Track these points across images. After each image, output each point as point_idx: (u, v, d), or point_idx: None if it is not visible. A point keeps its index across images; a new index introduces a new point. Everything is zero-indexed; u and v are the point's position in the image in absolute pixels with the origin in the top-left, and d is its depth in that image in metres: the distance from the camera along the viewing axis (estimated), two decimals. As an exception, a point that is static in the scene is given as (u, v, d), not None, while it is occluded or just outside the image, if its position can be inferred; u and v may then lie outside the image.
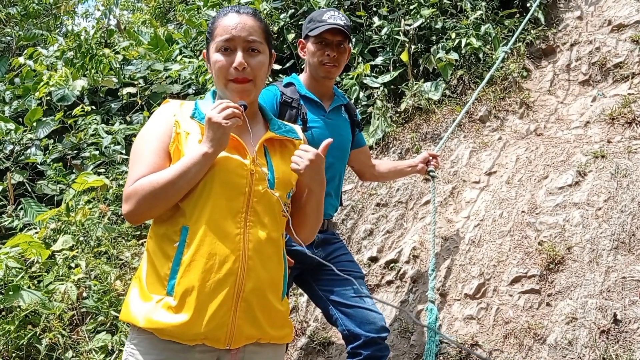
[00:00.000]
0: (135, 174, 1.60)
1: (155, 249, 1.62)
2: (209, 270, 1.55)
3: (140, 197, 1.56)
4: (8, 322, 3.08)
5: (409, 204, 3.82)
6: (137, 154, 1.65)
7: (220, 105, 1.57)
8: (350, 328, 2.49)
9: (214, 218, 1.58)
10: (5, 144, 4.84)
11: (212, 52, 1.70)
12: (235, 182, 1.61)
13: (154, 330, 1.54)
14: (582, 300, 2.75)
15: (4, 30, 6.80)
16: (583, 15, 4.69)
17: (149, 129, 1.69)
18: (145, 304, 1.56)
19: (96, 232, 3.65)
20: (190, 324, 1.52)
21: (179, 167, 1.56)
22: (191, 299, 1.53)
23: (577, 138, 3.66)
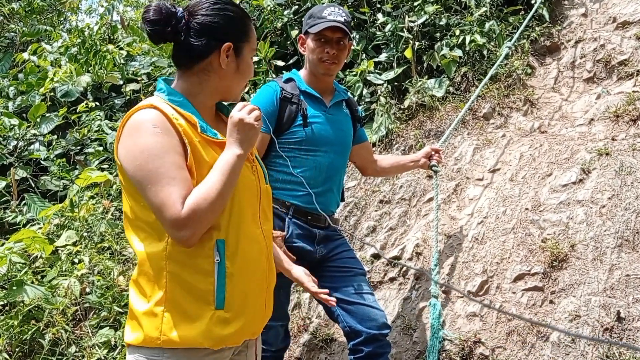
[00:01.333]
0: (177, 195, 1.44)
1: (183, 268, 1.53)
2: (253, 274, 1.62)
3: (201, 218, 1.45)
4: (11, 317, 3.10)
5: (412, 201, 3.81)
6: (160, 171, 1.46)
7: (247, 107, 1.58)
8: (352, 325, 2.49)
9: (244, 225, 1.60)
10: (9, 139, 4.86)
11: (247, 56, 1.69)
12: (252, 184, 1.65)
13: (212, 345, 1.53)
14: (586, 298, 2.74)
15: (8, 26, 6.80)
16: (588, 12, 4.67)
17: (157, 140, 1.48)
18: (195, 324, 1.51)
19: (99, 228, 3.66)
20: (245, 328, 1.59)
21: (219, 176, 1.48)
22: (244, 306, 1.58)
23: (582, 135, 3.64)
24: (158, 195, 1.44)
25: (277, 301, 1.93)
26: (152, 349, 1.53)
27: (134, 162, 1.48)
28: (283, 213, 2.47)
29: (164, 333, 1.51)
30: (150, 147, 1.47)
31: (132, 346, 1.57)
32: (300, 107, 2.49)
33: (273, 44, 4.94)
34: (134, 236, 1.57)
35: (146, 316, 1.53)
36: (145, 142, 1.47)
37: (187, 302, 1.52)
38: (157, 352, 1.53)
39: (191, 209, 1.44)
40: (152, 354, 1.53)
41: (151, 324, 1.52)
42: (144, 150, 1.47)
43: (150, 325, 1.52)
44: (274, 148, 2.44)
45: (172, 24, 1.59)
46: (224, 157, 1.52)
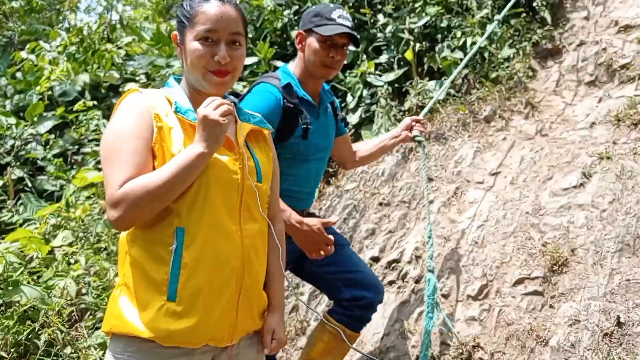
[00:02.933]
0: (120, 176, 1.46)
1: (143, 253, 1.52)
2: (214, 270, 1.53)
3: (132, 202, 1.43)
4: (7, 317, 3.06)
5: (412, 203, 3.79)
6: (117, 152, 1.49)
7: (213, 103, 1.50)
8: (356, 294, 2.52)
9: (213, 217, 1.53)
10: (6, 138, 4.84)
11: (189, 39, 1.58)
12: (230, 178, 1.57)
13: (159, 339, 1.47)
14: (586, 303, 2.72)
15: (6, 24, 6.78)
16: (590, 15, 4.65)
17: (125, 124, 1.52)
18: (143, 312, 1.48)
19: (96, 229, 3.63)
20: (198, 327, 1.50)
21: (172, 169, 1.45)
22: (199, 301, 1.50)
23: (583, 139, 3.62)
24: (106, 174, 1.49)
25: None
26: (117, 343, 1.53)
27: (102, 142, 1.56)
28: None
29: (116, 317, 1.51)
30: (116, 129, 1.53)
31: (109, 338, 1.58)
32: (302, 119, 2.38)
33: (273, 44, 4.93)
34: None
35: (110, 300, 1.57)
36: (115, 124, 1.54)
37: (140, 288, 1.50)
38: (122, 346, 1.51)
39: (124, 191, 1.44)
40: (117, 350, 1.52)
41: (110, 307, 1.56)
42: (111, 131, 1.54)
43: (109, 309, 1.56)
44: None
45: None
46: (184, 152, 1.48)
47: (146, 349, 1.49)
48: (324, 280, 2.61)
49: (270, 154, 1.80)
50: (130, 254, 1.54)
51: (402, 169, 4.06)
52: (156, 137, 1.52)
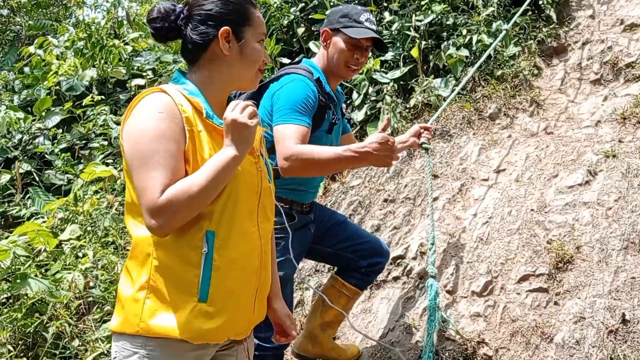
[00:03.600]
0: (160, 182, 1.43)
1: (172, 257, 1.52)
2: (242, 271, 1.58)
3: (176, 210, 1.43)
4: (15, 310, 3.09)
5: (416, 200, 3.80)
6: (153, 156, 1.45)
7: (239, 106, 1.52)
8: (372, 261, 2.76)
9: (238, 219, 1.57)
10: (14, 133, 4.86)
11: (252, 38, 1.64)
12: (253, 181, 1.63)
13: (191, 338, 1.50)
14: (591, 300, 2.73)
15: (14, 19, 6.81)
16: (595, 14, 4.66)
17: (158, 126, 1.48)
18: (175, 314, 1.49)
19: (104, 223, 3.66)
20: (226, 325, 1.56)
21: (209, 174, 1.46)
22: (230, 301, 1.56)
23: (588, 137, 3.63)
24: (143, 178, 1.45)
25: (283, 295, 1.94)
26: (135, 338, 1.50)
27: (131, 143, 1.50)
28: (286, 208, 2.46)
29: (143, 320, 1.49)
30: (149, 130, 1.47)
31: (116, 333, 1.55)
32: (330, 115, 2.45)
33: (279, 41, 4.94)
34: (131, 219, 1.57)
35: (129, 301, 1.52)
36: (147, 125, 1.48)
37: (170, 291, 1.50)
38: (140, 341, 1.50)
39: (168, 199, 1.42)
40: (135, 344, 1.51)
41: (132, 309, 1.51)
42: (143, 132, 1.48)
43: (131, 310, 1.51)
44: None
45: (171, 19, 1.62)
46: (218, 157, 1.49)
47: (167, 344, 1.51)
48: (340, 257, 2.78)
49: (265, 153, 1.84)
50: (157, 257, 1.52)
51: (407, 166, 4.08)
52: (188, 140, 1.51)
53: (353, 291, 2.83)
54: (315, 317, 2.92)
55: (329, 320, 2.89)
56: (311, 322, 2.93)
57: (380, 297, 3.37)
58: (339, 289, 2.84)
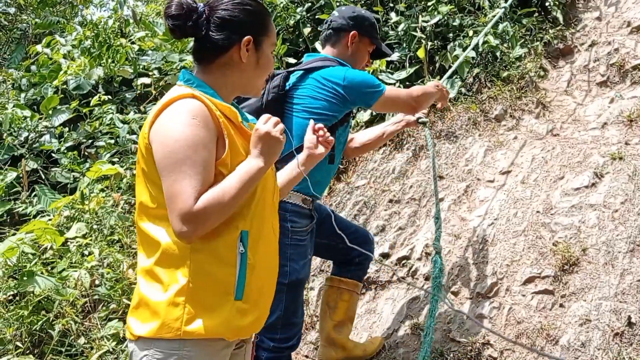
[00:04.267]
0: (194, 190, 1.46)
1: (210, 259, 1.54)
2: (268, 268, 1.67)
3: (208, 217, 1.46)
4: (21, 307, 3.11)
5: (422, 201, 3.80)
6: (186, 163, 1.47)
7: (271, 120, 1.59)
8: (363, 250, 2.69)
9: (264, 219, 1.65)
10: (21, 131, 4.88)
11: (267, 49, 1.69)
12: (271, 182, 1.70)
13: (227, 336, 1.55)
14: (597, 302, 2.73)
15: (20, 17, 6.83)
16: (602, 16, 4.65)
17: (193, 132, 1.49)
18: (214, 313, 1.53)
19: (110, 221, 3.67)
20: (257, 321, 1.64)
21: (239, 183, 1.50)
22: (260, 299, 1.63)
23: (594, 139, 3.63)
24: (176, 184, 1.46)
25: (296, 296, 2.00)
26: (171, 342, 1.51)
27: (165, 148, 1.49)
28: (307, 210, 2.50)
29: (186, 323, 1.50)
30: (185, 137, 1.48)
31: (144, 339, 1.53)
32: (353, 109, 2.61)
33: (285, 41, 4.94)
34: (155, 225, 1.56)
35: (165, 306, 1.51)
36: (182, 131, 1.48)
37: (208, 292, 1.53)
38: (177, 344, 1.51)
39: (203, 206, 1.45)
40: (172, 347, 1.51)
41: (171, 314, 1.50)
42: (179, 139, 1.48)
43: (170, 315, 1.50)
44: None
45: (193, 18, 1.60)
46: (245, 166, 1.53)
47: (204, 343, 1.53)
48: (332, 249, 2.84)
49: None
50: (193, 260, 1.53)
51: (412, 167, 4.08)
52: (228, 146, 1.55)
53: (352, 284, 2.90)
54: (325, 322, 2.93)
55: (339, 319, 2.91)
56: (324, 328, 2.94)
57: (385, 298, 3.37)
58: (338, 287, 2.90)
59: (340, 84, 2.40)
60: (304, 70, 2.49)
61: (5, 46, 7.15)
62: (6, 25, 6.99)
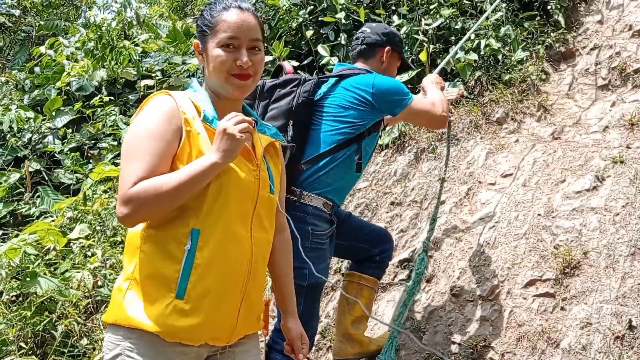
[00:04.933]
0: (133, 176, 1.50)
1: (156, 250, 1.56)
2: (225, 273, 1.59)
3: (143, 202, 1.48)
4: (24, 308, 3.13)
5: (423, 203, 3.81)
6: (136, 150, 1.54)
7: (235, 118, 1.55)
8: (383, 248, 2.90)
9: (228, 222, 1.59)
10: (24, 132, 4.90)
11: (212, 46, 1.64)
12: (247, 187, 1.63)
13: (163, 334, 1.52)
14: (598, 306, 2.74)
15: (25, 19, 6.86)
16: (604, 19, 4.66)
17: (150, 124, 1.56)
18: (151, 307, 1.53)
19: (112, 222, 3.69)
20: (201, 326, 1.55)
21: (185, 175, 1.50)
22: (206, 302, 1.56)
23: (596, 143, 3.64)
24: (123, 169, 1.54)
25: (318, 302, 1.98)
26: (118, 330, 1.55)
27: (125, 139, 1.61)
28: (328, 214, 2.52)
29: (122, 309, 1.54)
30: (141, 127, 1.57)
31: (106, 326, 1.62)
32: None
33: (287, 43, 4.96)
34: None
35: (115, 291, 1.60)
36: (140, 123, 1.58)
37: (150, 283, 1.54)
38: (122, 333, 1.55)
39: (137, 191, 1.48)
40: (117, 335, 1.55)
41: (115, 299, 1.58)
42: (135, 129, 1.58)
43: (114, 300, 1.58)
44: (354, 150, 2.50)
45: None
46: (199, 160, 1.53)
47: (146, 339, 1.53)
48: (354, 248, 2.88)
49: (280, 166, 1.85)
50: (142, 250, 1.56)
51: (414, 169, 4.09)
52: (184, 140, 1.57)
53: (372, 281, 2.93)
54: (344, 317, 2.94)
55: (358, 315, 2.92)
56: (342, 323, 2.95)
57: (386, 300, 3.38)
58: (359, 282, 2.92)
59: (369, 91, 2.48)
60: (335, 77, 2.56)
61: (9, 48, 7.18)
62: (10, 27, 7.02)
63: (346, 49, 4.80)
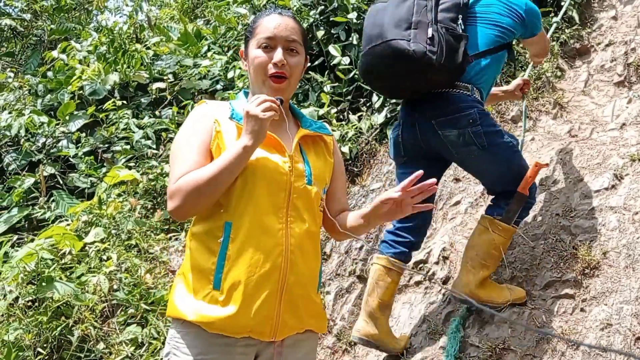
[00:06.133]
0: (178, 172, 1.64)
1: (197, 246, 1.68)
2: (254, 264, 1.62)
3: (185, 194, 1.60)
4: (40, 313, 3.13)
5: (438, 204, 3.78)
6: (178, 152, 1.70)
7: (257, 99, 1.63)
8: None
9: (257, 214, 1.64)
10: (38, 136, 4.93)
11: (251, 48, 1.78)
12: (277, 178, 1.67)
13: (203, 324, 1.59)
14: (618, 306, 2.69)
15: (36, 23, 6.90)
16: (618, 15, 4.59)
17: (188, 127, 1.74)
18: (192, 298, 1.62)
19: (127, 226, 3.69)
20: (237, 317, 1.60)
21: (220, 162, 1.60)
22: (238, 292, 1.61)
23: (613, 140, 3.58)
24: (171, 168, 1.70)
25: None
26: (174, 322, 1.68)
27: (173, 142, 1.77)
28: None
29: (173, 302, 1.67)
30: (180, 134, 1.75)
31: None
32: None
33: (299, 44, 4.94)
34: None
35: (171, 288, 1.79)
36: (183, 127, 1.76)
37: (193, 277, 1.65)
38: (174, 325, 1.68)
39: (179, 184, 1.61)
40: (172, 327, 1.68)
41: (172, 292, 1.71)
42: (177, 137, 1.76)
43: (170, 295, 1.72)
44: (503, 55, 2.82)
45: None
46: (232, 146, 1.63)
47: (192, 332, 1.62)
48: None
49: (330, 159, 1.88)
50: (189, 247, 1.70)
51: (428, 169, 4.06)
52: (214, 138, 1.70)
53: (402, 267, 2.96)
54: (373, 299, 2.93)
55: (387, 300, 2.92)
56: (370, 304, 2.93)
57: (402, 302, 3.36)
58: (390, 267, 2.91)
59: (523, 8, 2.76)
60: None
61: (21, 52, 7.23)
62: (22, 31, 7.07)
63: (357, 49, 4.77)
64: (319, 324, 1.80)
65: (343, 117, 4.70)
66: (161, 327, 3.11)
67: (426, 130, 2.67)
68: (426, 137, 2.69)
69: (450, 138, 2.62)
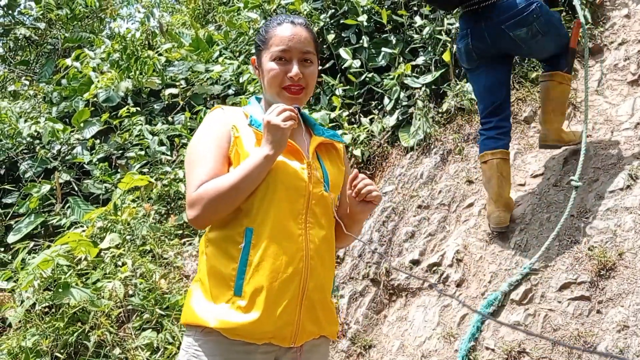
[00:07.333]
0: (197, 180, 1.63)
1: (215, 251, 1.66)
2: (277, 270, 1.62)
3: (206, 202, 1.60)
4: (57, 319, 3.17)
5: (451, 206, 3.77)
6: (196, 158, 1.69)
7: (277, 109, 1.63)
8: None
9: (278, 219, 1.64)
10: (53, 143, 4.98)
11: (265, 60, 1.76)
12: (297, 185, 1.69)
13: (224, 330, 1.58)
14: (635, 308, 2.67)
15: (50, 32, 6.99)
16: (631, 13, 4.55)
17: (205, 134, 1.72)
18: (213, 305, 1.61)
19: (141, 231, 3.72)
20: (260, 323, 1.58)
21: (241, 171, 1.60)
22: (260, 298, 1.59)
23: (628, 140, 3.55)
24: (187, 177, 1.69)
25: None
26: (190, 329, 1.65)
27: (187, 148, 1.77)
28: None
29: (190, 308, 1.64)
30: (196, 139, 1.74)
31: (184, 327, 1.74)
32: None
33: (309, 48, 4.95)
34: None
35: (187, 294, 1.72)
36: (196, 135, 1.75)
37: (212, 283, 1.64)
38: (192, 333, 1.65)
39: (199, 193, 1.61)
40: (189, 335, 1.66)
41: (188, 299, 1.69)
42: (193, 141, 1.75)
43: (186, 301, 1.69)
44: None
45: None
46: (252, 155, 1.63)
47: (211, 339, 1.60)
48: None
49: (342, 166, 1.90)
50: (206, 252, 1.69)
51: (440, 171, 4.05)
52: (233, 144, 1.70)
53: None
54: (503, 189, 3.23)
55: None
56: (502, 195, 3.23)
57: (416, 305, 3.35)
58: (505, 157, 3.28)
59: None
60: None
61: (36, 61, 7.33)
62: (36, 40, 7.16)
63: (368, 52, 4.78)
64: (333, 329, 1.80)
65: (355, 120, 4.70)
66: (176, 332, 3.13)
67: (496, 34, 3.06)
68: (497, 40, 3.09)
69: (521, 36, 3.04)
